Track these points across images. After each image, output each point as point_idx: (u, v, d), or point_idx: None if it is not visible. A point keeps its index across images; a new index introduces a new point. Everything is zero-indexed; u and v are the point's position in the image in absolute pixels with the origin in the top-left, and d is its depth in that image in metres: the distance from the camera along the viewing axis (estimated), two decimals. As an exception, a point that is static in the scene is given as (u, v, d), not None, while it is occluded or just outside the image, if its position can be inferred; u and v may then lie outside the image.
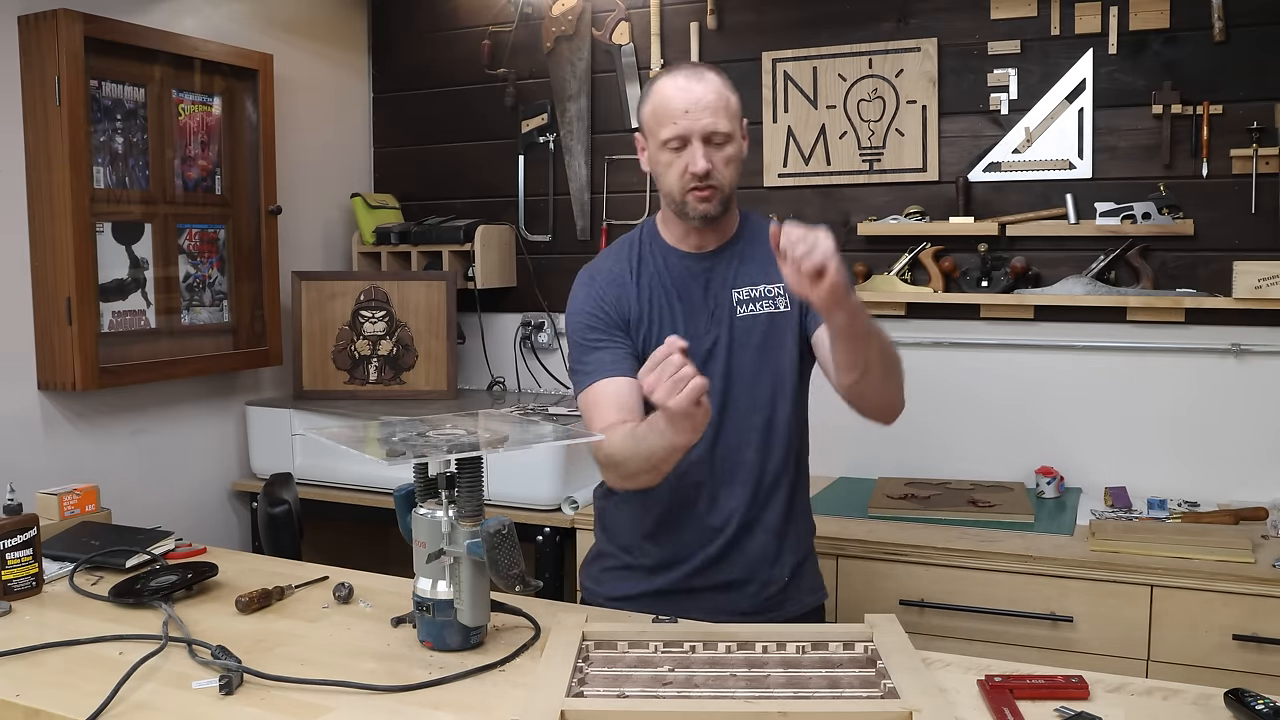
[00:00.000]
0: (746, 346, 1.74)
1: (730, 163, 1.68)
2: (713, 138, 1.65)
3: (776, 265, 1.65)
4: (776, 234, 1.39)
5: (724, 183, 1.68)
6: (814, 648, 1.42)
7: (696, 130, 1.64)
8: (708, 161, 1.65)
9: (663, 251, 1.79)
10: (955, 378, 2.81)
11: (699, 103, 1.64)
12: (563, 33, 3.19)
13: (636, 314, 1.76)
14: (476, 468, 1.45)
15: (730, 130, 1.66)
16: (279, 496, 2.42)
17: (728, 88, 1.69)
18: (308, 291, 3.09)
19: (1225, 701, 1.25)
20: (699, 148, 1.65)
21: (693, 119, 1.64)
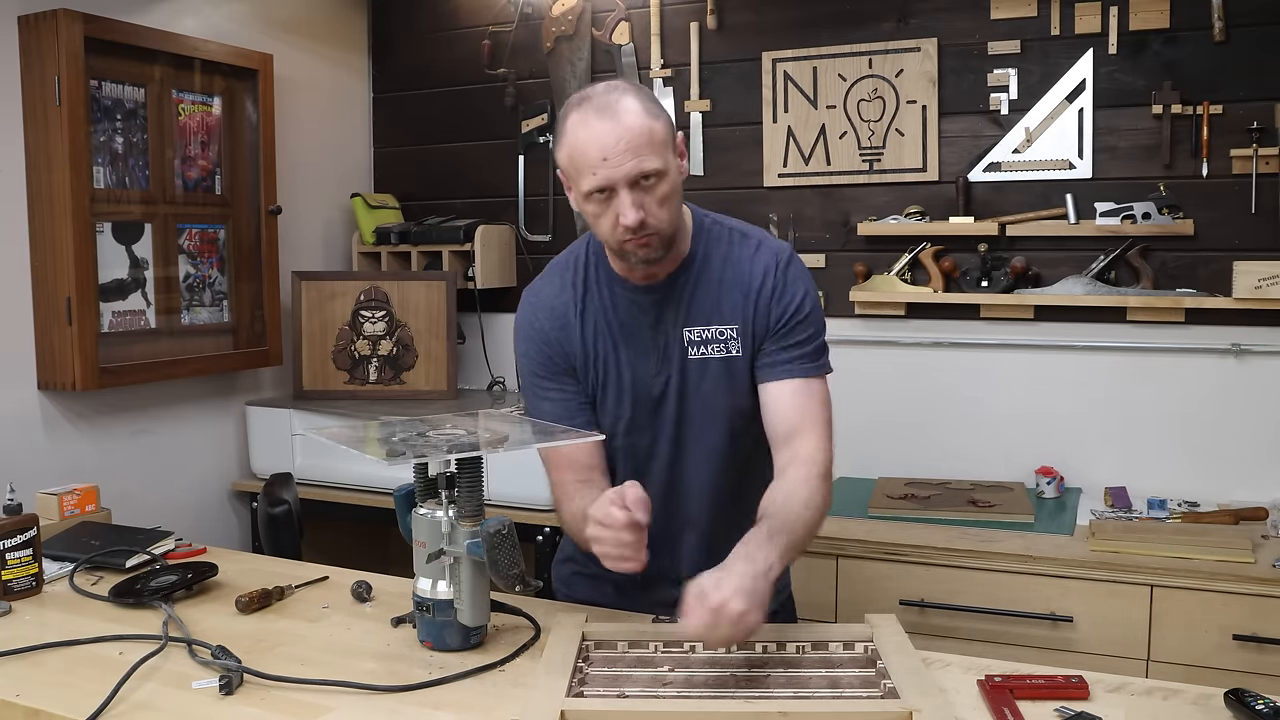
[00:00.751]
0: (699, 391, 1.61)
1: (666, 201, 1.48)
2: (641, 180, 1.45)
3: (729, 295, 1.59)
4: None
5: (663, 225, 1.49)
6: (814, 648, 1.42)
7: (619, 177, 1.44)
8: (639, 210, 1.45)
9: (608, 281, 1.62)
10: (955, 378, 2.81)
11: (617, 145, 1.43)
12: (563, 33, 3.19)
13: (582, 359, 1.63)
14: (476, 468, 1.45)
15: (660, 165, 1.46)
16: (279, 496, 2.42)
17: (649, 113, 1.46)
18: (308, 291, 3.09)
19: (1225, 701, 1.25)
20: (626, 196, 1.45)
21: (613, 166, 1.43)
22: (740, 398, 1.62)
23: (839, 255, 2.92)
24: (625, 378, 1.62)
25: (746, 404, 1.62)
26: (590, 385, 1.64)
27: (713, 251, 1.62)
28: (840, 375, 2.88)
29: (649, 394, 1.62)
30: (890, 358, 2.89)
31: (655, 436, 1.65)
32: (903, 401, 2.87)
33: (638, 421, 1.64)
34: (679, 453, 1.65)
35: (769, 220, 2.96)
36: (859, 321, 2.91)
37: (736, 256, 1.61)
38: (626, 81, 1.58)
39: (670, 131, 1.51)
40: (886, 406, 2.88)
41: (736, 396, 1.62)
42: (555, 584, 1.88)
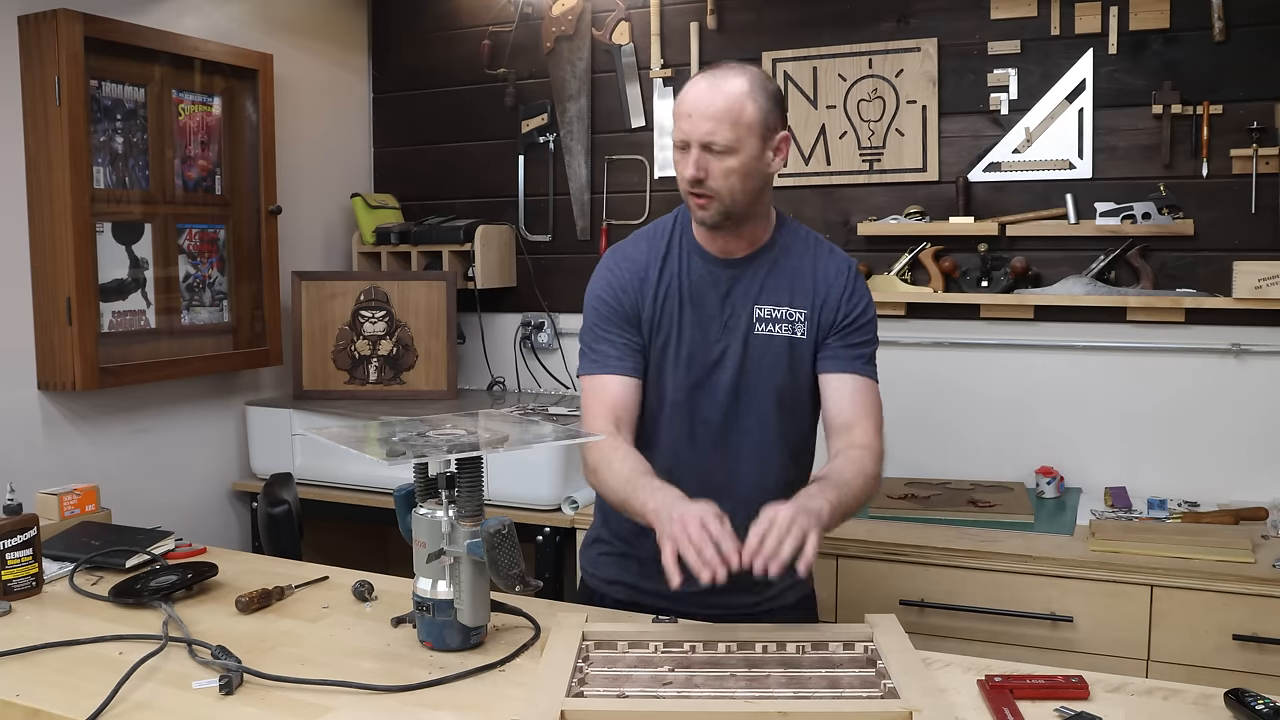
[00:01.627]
0: (760, 365, 1.71)
1: (731, 174, 1.61)
2: (711, 146, 1.60)
3: (803, 284, 1.72)
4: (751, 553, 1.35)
5: (722, 192, 1.62)
6: (814, 648, 1.42)
7: (694, 136, 1.60)
8: (699, 169, 1.60)
9: (689, 249, 1.74)
10: (955, 378, 2.81)
11: (704, 109, 1.59)
12: (563, 33, 3.19)
13: (650, 316, 1.73)
14: (476, 468, 1.45)
15: (732, 141, 1.59)
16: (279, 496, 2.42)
17: (750, 95, 1.60)
18: (308, 291, 3.09)
19: (1225, 701, 1.25)
20: (695, 153, 1.60)
21: (692, 124, 1.60)
22: (798, 378, 1.73)
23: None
24: (685, 338, 1.72)
25: (804, 386, 1.74)
26: (652, 341, 1.73)
27: (792, 245, 1.76)
28: (840, 375, 2.90)
29: (707, 358, 1.71)
30: (890, 358, 2.85)
31: (709, 402, 1.72)
32: (902, 401, 2.85)
33: (694, 383, 1.72)
34: (729, 423, 1.72)
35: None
36: (859, 321, 2.90)
37: (815, 253, 1.76)
38: (753, 68, 1.67)
39: (764, 121, 1.62)
40: (886, 407, 2.86)
41: (795, 376, 1.73)
42: (582, 566, 1.93)
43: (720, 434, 1.73)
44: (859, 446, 1.68)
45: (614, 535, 1.84)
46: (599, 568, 1.87)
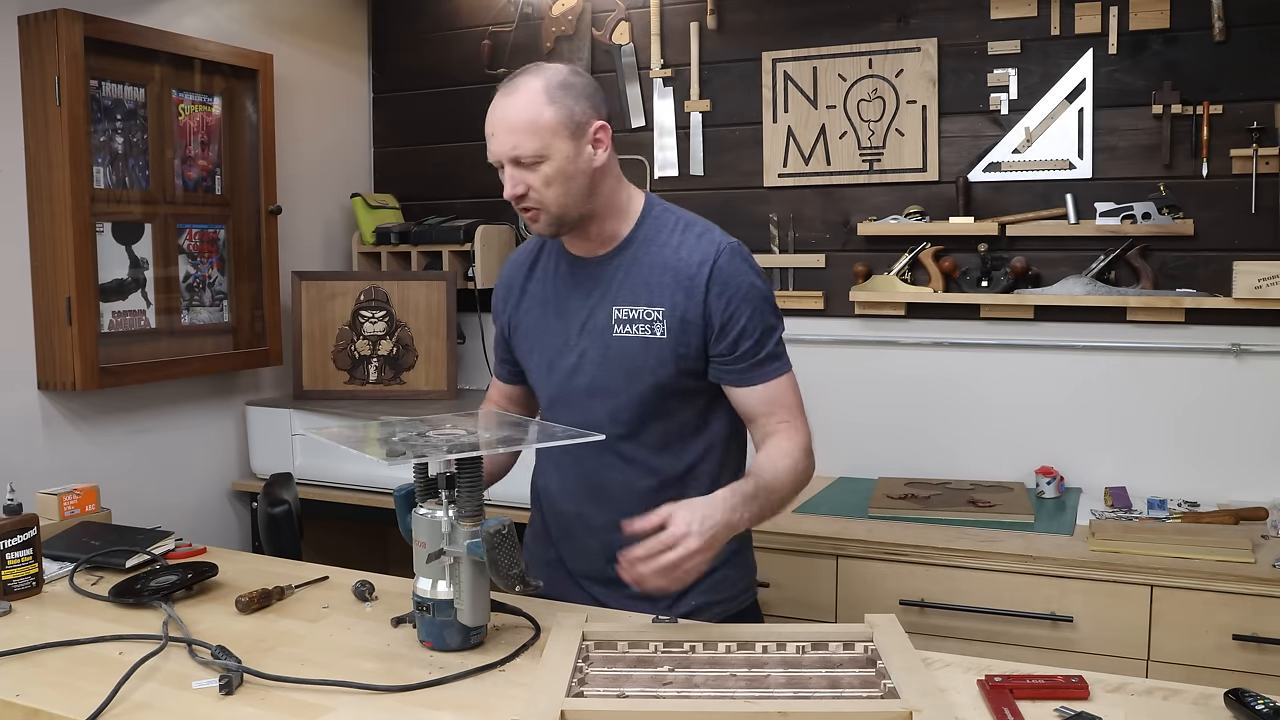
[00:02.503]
0: (619, 369, 1.64)
1: (550, 182, 1.55)
2: (519, 160, 1.55)
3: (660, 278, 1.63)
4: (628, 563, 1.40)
5: (547, 202, 1.57)
6: (814, 648, 1.42)
7: (500, 154, 1.57)
8: (516, 185, 1.56)
9: (559, 251, 1.73)
10: (955, 378, 2.81)
11: (501, 123, 1.56)
12: (563, 33, 3.19)
13: (513, 324, 1.79)
14: (476, 468, 1.45)
15: (538, 149, 1.54)
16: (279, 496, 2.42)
17: (545, 98, 1.54)
18: (308, 291, 3.09)
19: (1225, 701, 1.25)
20: (508, 170, 1.57)
21: (496, 142, 1.57)
22: (662, 380, 1.64)
23: (839, 255, 2.92)
24: (548, 344, 1.71)
25: (672, 387, 1.65)
26: (522, 351, 1.77)
27: (652, 236, 1.66)
28: (840, 375, 2.92)
29: (564, 363, 1.69)
30: (890, 358, 2.89)
31: (569, 410, 1.69)
32: (903, 401, 2.87)
33: (556, 390, 1.72)
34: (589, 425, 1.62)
35: (769, 220, 2.96)
36: (859, 321, 2.91)
37: (675, 242, 1.65)
38: (553, 64, 1.63)
39: (569, 119, 1.55)
40: (886, 406, 2.88)
41: (659, 378, 1.64)
42: None
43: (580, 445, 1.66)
44: (783, 436, 1.63)
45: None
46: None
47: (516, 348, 1.80)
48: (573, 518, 1.75)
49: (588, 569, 1.74)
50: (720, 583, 1.73)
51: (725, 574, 1.73)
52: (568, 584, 1.77)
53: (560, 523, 1.79)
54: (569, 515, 1.76)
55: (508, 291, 1.80)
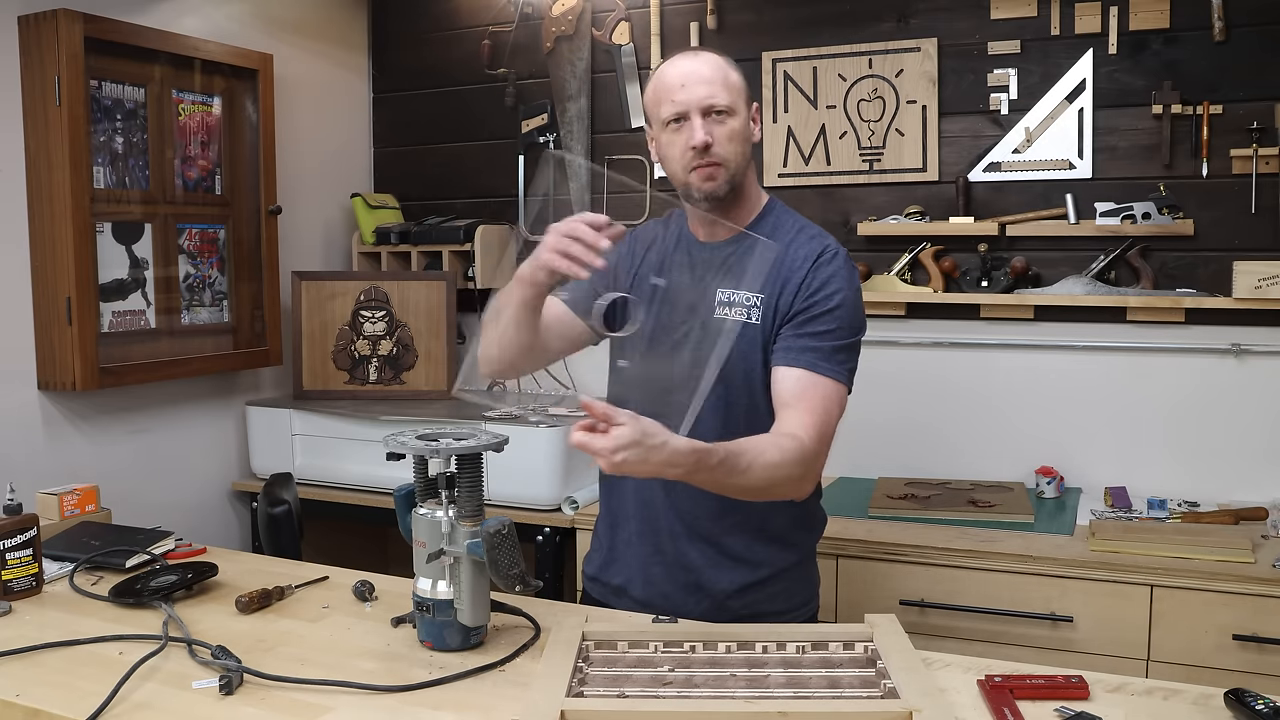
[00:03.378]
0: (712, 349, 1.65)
1: (734, 138, 1.61)
2: (711, 110, 1.60)
3: (770, 271, 1.64)
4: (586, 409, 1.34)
5: (728, 158, 1.61)
6: (814, 648, 1.42)
7: (694, 103, 1.59)
8: (707, 134, 1.59)
9: (682, 235, 1.75)
10: (955, 378, 2.81)
11: (694, 75, 1.60)
12: (563, 33, 3.19)
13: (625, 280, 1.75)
14: (476, 468, 1.45)
15: (730, 104, 1.61)
16: (279, 496, 2.42)
17: (729, 66, 1.64)
18: (308, 291, 3.09)
19: (1225, 701, 1.25)
20: (698, 121, 1.59)
21: (689, 92, 1.59)
22: (747, 365, 1.65)
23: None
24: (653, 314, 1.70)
25: (753, 376, 1.65)
26: None
27: (771, 231, 1.69)
28: (840, 375, 2.90)
29: (670, 337, 1.69)
30: (890, 358, 2.88)
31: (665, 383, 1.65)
32: (903, 401, 2.86)
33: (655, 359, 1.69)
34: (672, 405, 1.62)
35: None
36: (859, 321, 2.91)
37: (791, 238, 1.68)
38: None
39: (745, 87, 1.66)
40: (886, 406, 2.88)
41: (746, 364, 1.65)
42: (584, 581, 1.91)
43: None
44: (785, 434, 1.53)
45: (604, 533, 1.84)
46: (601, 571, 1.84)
47: None
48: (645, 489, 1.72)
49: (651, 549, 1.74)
50: (779, 594, 1.74)
51: (785, 586, 1.75)
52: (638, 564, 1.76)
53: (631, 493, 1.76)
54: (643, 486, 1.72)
55: (632, 244, 1.78)
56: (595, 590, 1.83)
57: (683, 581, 1.72)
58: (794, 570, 1.77)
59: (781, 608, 1.73)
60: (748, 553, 1.71)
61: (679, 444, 1.37)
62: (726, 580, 1.71)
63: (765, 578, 1.72)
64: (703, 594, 1.71)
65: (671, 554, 1.72)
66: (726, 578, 1.71)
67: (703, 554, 1.71)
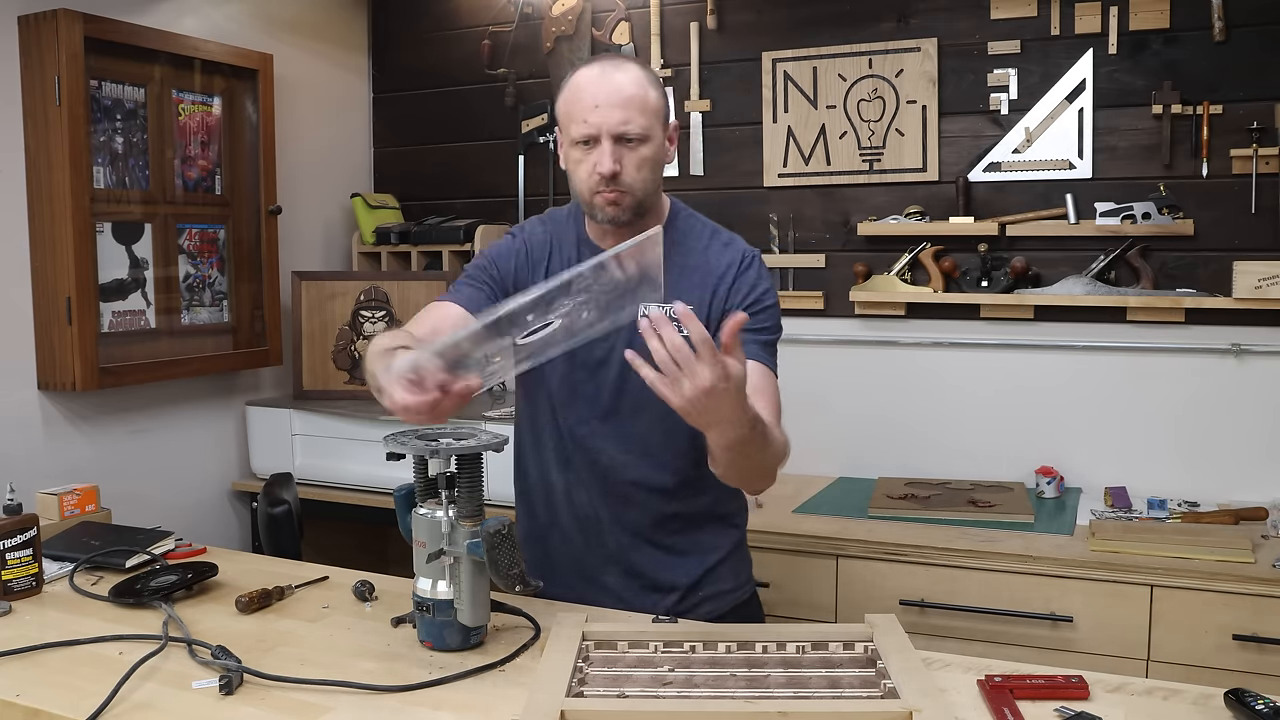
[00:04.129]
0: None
1: (644, 165, 1.57)
2: (624, 137, 1.54)
3: (692, 279, 1.62)
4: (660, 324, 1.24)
5: (635, 186, 1.57)
6: (814, 648, 1.42)
7: (606, 127, 1.53)
8: (615, 163, 1.54)
9: (580, 241, 1.70)
10: (955, 378, 2.81)
11: (611, 98, 1.53)
12: (563, 33, 3.19)
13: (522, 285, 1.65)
14: (476, 467, 1.45)
15: (645, 130, 1.55)
16: (279, 496, 2.42)
17: (649, 82, 1.58)
18: (308, 291, 3.08)
19: (1225, 701, 1.25)
20: (607, 147, 1.54)
21: (602, 115, 1.53)
22: None
23: (839, 255, 2.92)
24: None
25: None
26: None
27: (682, 239, 1.67)
28: (840, 375, 2.92)
29: (590, 357, 1.65)
30: (890, 358, 2.89)
31: (591, 405, 1.67)
32: (903, 401, 2.87)
33: (576, 383, 1.68)
34: (610, 427, 1.66)
35: (769, 220, 2.96)
36: (859, 321, 2.91)
37: (704, 246, 1.67)
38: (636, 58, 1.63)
39: (664, 109, 1.60)
40: (886, 406, 2.88)
41: None
42: None
43: (607, 436, 1.67)
44: None
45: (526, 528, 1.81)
46: None
47: None
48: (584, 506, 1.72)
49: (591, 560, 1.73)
50: (725, 574, 1.75)
51: (729, 565, 1.76)
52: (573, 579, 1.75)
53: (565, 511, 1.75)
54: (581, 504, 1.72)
55: (529, 250, 1.71)
56: None
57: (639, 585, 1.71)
58: (736, 551, 1.79)
59: (730, 586, 1.75)
60: (694, 547, 1.73)
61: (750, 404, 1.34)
62: (684, 575, 1.72)
63: (715, 563, 1.74)
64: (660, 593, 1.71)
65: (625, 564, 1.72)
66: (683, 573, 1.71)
67: (653, 559, 1.71)
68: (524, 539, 1.81)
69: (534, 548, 1.79)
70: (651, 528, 1.71)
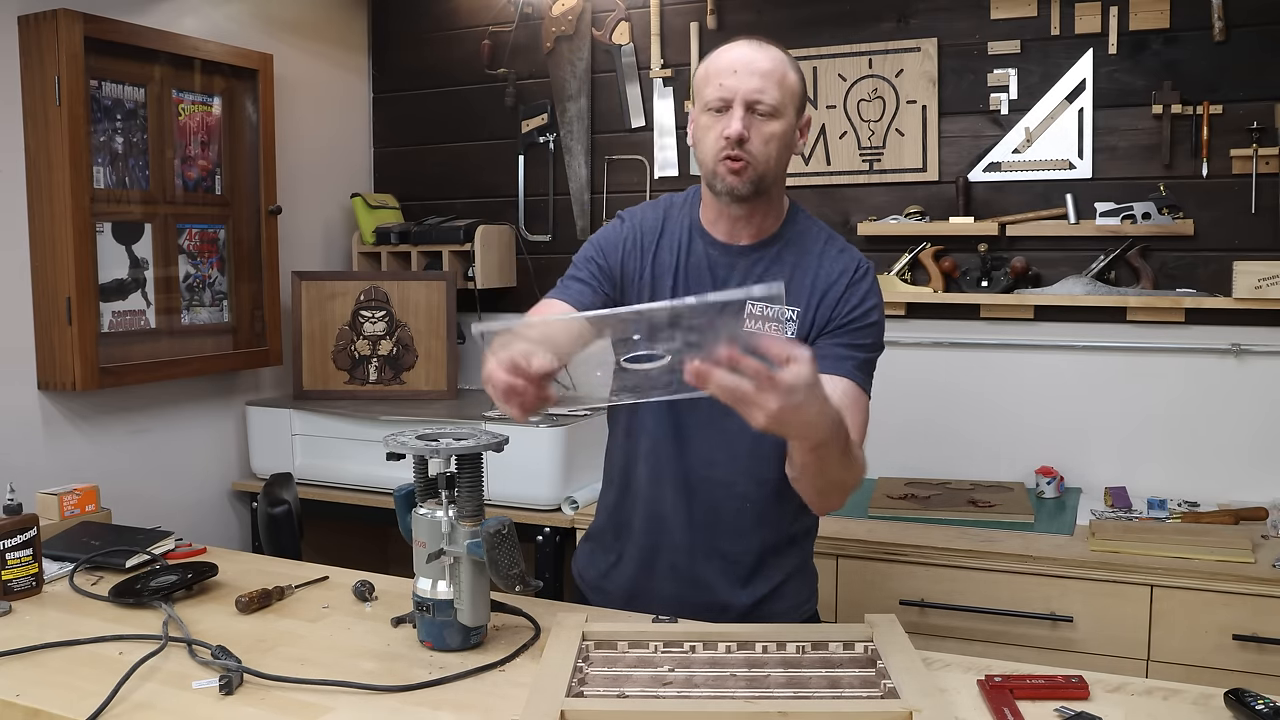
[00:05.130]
0: None
1: (772, 140, 1.53)
2: (757, 106, 1.52)
3: (802, 281, 1.61)
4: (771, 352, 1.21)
5: (759, 159, 1.53)
6: (814, 648, 1.42)
7: (740, 92, 1.51)
8: (744, 129, 1.51)
9: (692, 227, 1.66)
10: (955, 378, 2.81)
11: (750, 66, 1.52)
12: (563, 33, 3.19)
13: (637, 282, 1.65)
14: (476, 468, 1.45)
15: (778, 104, 1.52)
16: (279, 496, 2.42)
17: (789, 65, 1.56)
18: (308, 291, 3.08)
19: (1225, 701, 1.25)
20: (739, 112, 1.51)
21: (738, 80, 1.51)
22: None
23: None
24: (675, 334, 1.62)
25: None
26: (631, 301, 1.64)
27: (799, 240, 1.65)
28: (840, 375, 2.90)
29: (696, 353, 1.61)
30: (890, 358, 2.84)
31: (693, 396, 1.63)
32: (902, 401, 2.86)
33: None
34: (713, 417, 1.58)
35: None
36: (859, 321, 2.91)
37: (820, 250, 1.64)
38: None
39: (801, 94, 1.58)
40: (886, 406, 2.86)
41: None
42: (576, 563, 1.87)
43: (706, 426, 1.63)
44: None
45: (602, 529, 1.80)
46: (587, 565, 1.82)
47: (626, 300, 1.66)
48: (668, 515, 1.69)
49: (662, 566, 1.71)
50: (786, 592, 1.73)
51: (794, 587, 1.74)
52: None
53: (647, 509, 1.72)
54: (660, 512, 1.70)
55: (638, 235, 1.67)
56: (598, 599, 1.78)
57: (698, 602, 1.67)
58: (802, 570, 1.78)
59: (788, 605, 1.73)
60: (760, 564, 1.70)
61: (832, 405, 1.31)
62: (746, 595, 1.69)
63: (778, 585, 1.72)
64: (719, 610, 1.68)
65: (685, 571, 1.70)
66: (745, 593, 1.69)
67: (720, 570, 1.69)
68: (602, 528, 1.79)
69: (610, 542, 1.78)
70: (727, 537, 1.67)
